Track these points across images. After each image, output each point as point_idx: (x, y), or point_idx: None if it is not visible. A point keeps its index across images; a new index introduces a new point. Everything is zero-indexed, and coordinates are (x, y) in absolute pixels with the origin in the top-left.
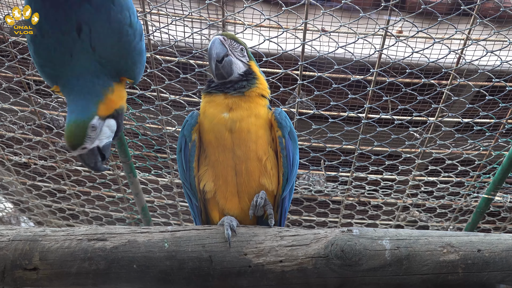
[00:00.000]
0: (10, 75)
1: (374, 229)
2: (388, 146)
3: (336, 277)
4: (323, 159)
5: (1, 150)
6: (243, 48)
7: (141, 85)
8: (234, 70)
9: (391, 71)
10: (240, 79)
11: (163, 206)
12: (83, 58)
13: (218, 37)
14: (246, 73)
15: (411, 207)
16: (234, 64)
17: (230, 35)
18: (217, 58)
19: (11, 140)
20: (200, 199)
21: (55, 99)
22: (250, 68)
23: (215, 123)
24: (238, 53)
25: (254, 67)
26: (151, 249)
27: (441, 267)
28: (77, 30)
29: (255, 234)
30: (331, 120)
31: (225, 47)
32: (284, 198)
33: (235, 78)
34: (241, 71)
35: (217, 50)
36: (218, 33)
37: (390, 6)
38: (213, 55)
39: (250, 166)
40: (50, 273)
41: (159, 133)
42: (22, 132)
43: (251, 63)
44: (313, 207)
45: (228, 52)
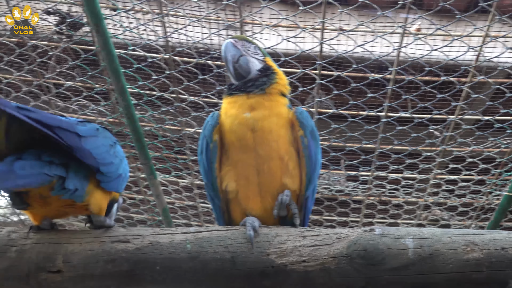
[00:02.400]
0: (30, 78)
1: (397, 228)
2: (408, 144)
3: (359, 276)
4: (343, 158)
5: None
6: (256, 47)
7: (160, 87)
8: (251, 68)
9: (410, 69)
10: (259, 75)
11: (184, 208)
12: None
13: (229, 41)
14: (264, 68)
15: (433, 206)
16: (251, 62)
17: (241, 36)
18: (233, 60)
19: None
20: (222, 199)
21: (75, 102)
22: (267, 64)
23: (237, 123)
24: (252, 52)
25: (271, 62)
26: (174, 250)
27: (465, 265)
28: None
29: (277, 234)
30: (350, 119)
31: (238, 48)
32: (307, 198)
33: (254, 75)
34: (258, 67)
35: (231, 52)
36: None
37: (408, 4)
38: (228, 58)
39: (272, 166)
40: (74, 275)
41: (178, 135)
42: None
43: (267, 59)
44: (334, 207)
45: (242, 53)
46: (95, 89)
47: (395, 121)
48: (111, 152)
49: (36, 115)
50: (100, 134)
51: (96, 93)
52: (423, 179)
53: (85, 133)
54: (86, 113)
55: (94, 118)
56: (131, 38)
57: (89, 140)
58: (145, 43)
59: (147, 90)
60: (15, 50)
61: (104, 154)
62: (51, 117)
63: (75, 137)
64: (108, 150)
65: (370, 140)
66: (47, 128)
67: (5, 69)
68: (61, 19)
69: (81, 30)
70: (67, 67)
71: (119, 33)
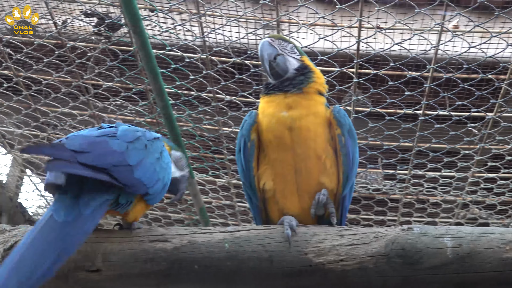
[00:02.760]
0: (68, 79)
1: (435, 227)
2: (446, 143)
3: (397, 275)
4: (380, 157)
5: None
6: (293, 46)
7: (197, 87)
8: (288, 66)
9: (448, 67)
10: (296, 74)
11: (221, 207)
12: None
13: (266, 40)
14: (301, 67)
15: (471, 204)
16: (288, 61)
17: (277, 36)
18: (270, 59)
19: None
20: (260, 198)
21: (113, 103)
22: (304, 63)
23: (275, 122)
24: (288, 51)
25: (308, 61)
26: (212, 249)
27: (505, 264)
28: None
29: (315, 233)
30: (387, 118)
31: (274, 47)
32: (344, 197)
33: (291, 74)
34: (295, 66)
35: (268, 51)
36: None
37: (445, 1)
38: (265, 57)
39: (309, 164)
40: (112, 274)
41: (215, 134)
42: None
43: (304, 58)
44: (371, 206)
45: (279, 52)
46: (133, 90)
47: (433, 119)
48: (157, 168)
49: (89, 158)
50: (149, 151)
51: (134, 93)
52: (461, 177)
53: (136, 159)
54: (124, 113)
55: (132, 119)
56: (168, 39)
57: (139, 167)
58: (183, 43)
59: (184, 90)
60: (54, 51)
61: (152, 175)
62: (104, 154)
63: (128, 171)
64: (155, 169)
65: (408, 139)
66: (103, 172)
67: (44, 70)
68: (99, 21)
69: (119, 31)
70: (106, 68)
71: (157, 34)
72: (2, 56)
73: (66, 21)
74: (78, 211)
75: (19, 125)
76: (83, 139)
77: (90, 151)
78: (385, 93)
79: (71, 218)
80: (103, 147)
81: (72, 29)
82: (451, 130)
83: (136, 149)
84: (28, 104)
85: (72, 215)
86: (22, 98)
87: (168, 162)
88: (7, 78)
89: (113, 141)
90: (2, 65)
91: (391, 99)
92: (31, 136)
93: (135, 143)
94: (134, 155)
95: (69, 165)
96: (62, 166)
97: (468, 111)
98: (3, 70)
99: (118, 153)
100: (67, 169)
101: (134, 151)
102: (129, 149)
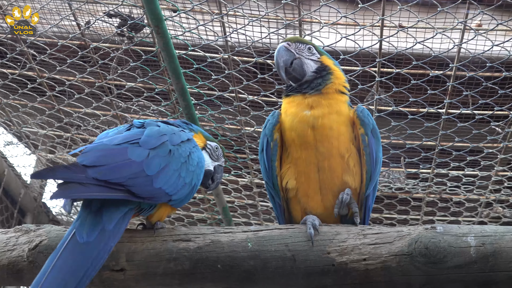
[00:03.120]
0: (92, 80)
1: (459, 226)
2: (470, 141)
3: (420, 275)
4: (403, 156)
5: None
6: (311, 47)
7: (219, 86)
8: (306, 70)
9: (471, 65)
10: (314, 77)
11: (244, 206)
12: None
13: (282, 45)
14: (319, 69)
15: (495, 203)
16: (305, 64)
17: (294, 38)
18: (286, 65)
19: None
20: (282, 198)
21: (136, 103)
22: (323, 64)
23: (297, 121)
24: (306, 53)
25: (327, 61)
26: (235, 248)
27: None
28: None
29: (337, 232)
30: (410, 117)
31: (291, 52)
32: (368, 196)
33: (309, 77)
34: (313, 69)
35: (283, 58)
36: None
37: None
38: (280, 64)
39: (332, 163)
40: (136, 273)
41: (238, 134)
42: None
43: (323, 58)
44: (393, 205)
45: (296, 56)
46: (155, 90)
47: (456, 118)
48: (183, 173)
49: (102, 172)
50: (173, 156)
51: (157, 93)
52: (485, 176)
53: (156, 168)
54: (147, 114)
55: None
56: (191, 39)
57: (160, 175)
58: (205, 43)
59: (206, 90)
60: (78, 52)
61: (176, 181)
62: (120, 166)
63: (147, 182)
64: (179, 174)
65: (431, 137)
66: (117, 187)
67: (68, 71)
68: (122, 21)
69: (142, 31)
70: (129, 68)
71: (179, 34)
72: (26, 57)
73: (89, 22)
74: (102, 226)
75: (43, 125)
76: (99, 150)
77: (105, 164)
78: (407, 92)
79: (93, 237)
80: (120, 157)
81: (95, 30)
82: (474, 129)
83: (158, 156)
84: (52, 104)
85: (95, 232)
86: (45, 99)
87: (198, 162)
88: (31, 79)
89: (133, 149)
90: (26, 66)
91: (414, 98)
92: (54, 136)
93: (158, 149)
94: (155, 163)
95: (76, 190)
96: (68, 193)
97: (492, 110)
98: (27, 71)
99: (136, 163)
100: (72, 194)
101: (155, 159)
102: (149, 157)
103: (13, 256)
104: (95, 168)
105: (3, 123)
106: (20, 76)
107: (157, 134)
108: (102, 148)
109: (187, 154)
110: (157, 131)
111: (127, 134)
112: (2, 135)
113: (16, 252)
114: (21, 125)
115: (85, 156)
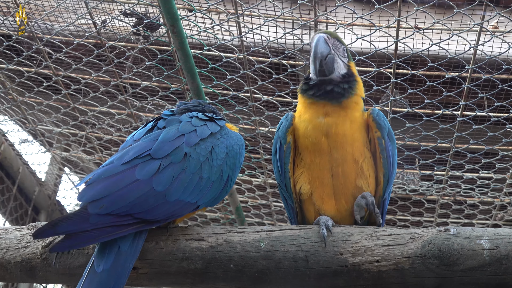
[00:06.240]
0: (107, 79)
1: (472, 228)
2: (485, 144)
3: (433, 277)
4: (417, 157)
5: (99, 152)
6: (344, 48)
7: (234, 86)
8: (335, 68)
9: (487, 67)
10: (341, 80)
11: (257, 206)
12: None
13: (322, 35)
14: (347, 74)
15: (509, 206)
16: (337, 62)
17: (334, 34)
18: (322, 57)
19: (109, 142)
20: (295, 200)
21: (151, 102)
22: (350, 70)
23: (311, 128)
24: (340, 53)
25: (353, 69)
26: (247, 248)
27: None
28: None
29: (350, 233)
30: (425, 118)
31: (328, 46)
32: (385, 200)
33: (335, 77)
34: (342, 71)
35: (322, 49)
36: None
37: (485, 1)
38: (318, 54)
39: (346, 168)
40: (149, 272)
41: (252, 134)
42: (119, 135)
43: (351, 64)
44: (407, 207)
45: (331, 51)
46: (171, 89)
47: (471, 120)
48: (205, 174)
49: (104, 205)
50: (191, 159)
51: (172, 92)
52: (499, 179)
53: (168, 180)
54: None
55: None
56: (206, 38)
57: (173, 187)
58: (220, 43)
59: (221, 90)
60: (93, 51)
61: (198, 185)
62: (126, 192)
63: (158, 199)
64: (201, 176)
65: (446, 139)
66: (131, 220)
67: (83, 69)
68: (138, 20)
69: (158, 31)
70: (144, 67)
71: (195, 34)
72: (42, 55)
73: (105, 21)
74: (118, 248)
75: (58, 123)
76: (103, 179)
77: (107, 195)
78: (423, 94)
79: (109, 263)
80: (126, 181)
81: (111, 29)
82: (490, 131)
83: (171, 164)
84: (67, 103)
85: (111, 257)
86: (61, 97)
87: (229, 151)
88: (46, 77)
89: (142, 166)
90: (42, 64)
91: (429, 99)
92: (69, 134)
93: (171, 156)
94: (167, 176)
95: (82, 238)
96: (74, 245)
97: (507, 112)
98: (43, 69)
99: (144, 182)
100: (78, 245)
101: (167, 170)
102: (160, 171)
103: (27, 253)
104: (96, 202)
105: (18, 120)
106: (35, 74)
107: (173, 137)
108: (107, 176)
109: (208, 149)
110: (173, 133)
111: (141, 145)
112: (17, 132)
113: (29, 249)
114: (36, 123)
115: (86, 191)
